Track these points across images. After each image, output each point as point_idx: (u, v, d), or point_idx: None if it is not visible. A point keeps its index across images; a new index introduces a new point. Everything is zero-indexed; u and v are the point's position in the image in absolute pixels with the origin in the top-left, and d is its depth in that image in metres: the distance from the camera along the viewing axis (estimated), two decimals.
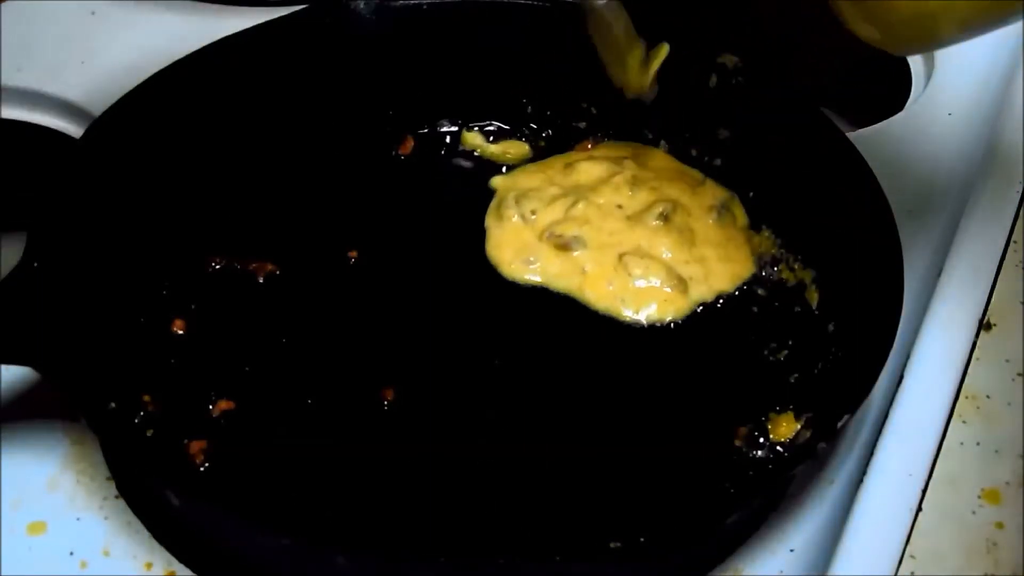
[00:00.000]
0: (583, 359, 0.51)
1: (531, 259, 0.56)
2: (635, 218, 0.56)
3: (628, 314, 0.53)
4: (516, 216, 0.57)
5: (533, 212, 0.57)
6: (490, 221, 0.58)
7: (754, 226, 0.57)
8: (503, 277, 0.55)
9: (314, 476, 0.46)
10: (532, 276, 0.55)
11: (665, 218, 0.56)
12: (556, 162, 0.61)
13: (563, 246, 0.55)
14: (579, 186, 0.58)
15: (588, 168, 0.59)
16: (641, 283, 0.54)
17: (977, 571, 0.42)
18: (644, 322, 0.53)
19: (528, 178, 0.60)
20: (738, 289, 0.54)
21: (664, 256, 0.55)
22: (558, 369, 0.51)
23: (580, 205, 0.57)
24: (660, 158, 0.61)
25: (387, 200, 0.60)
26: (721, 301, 0.54)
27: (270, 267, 0.55)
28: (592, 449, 0.47)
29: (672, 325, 0.53)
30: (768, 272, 0.55)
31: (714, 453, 0.47)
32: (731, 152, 0.60)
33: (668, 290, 0.54)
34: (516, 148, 0.63)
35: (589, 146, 0.62)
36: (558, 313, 0.53)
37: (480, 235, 0.57)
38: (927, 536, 0.42)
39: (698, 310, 0.53)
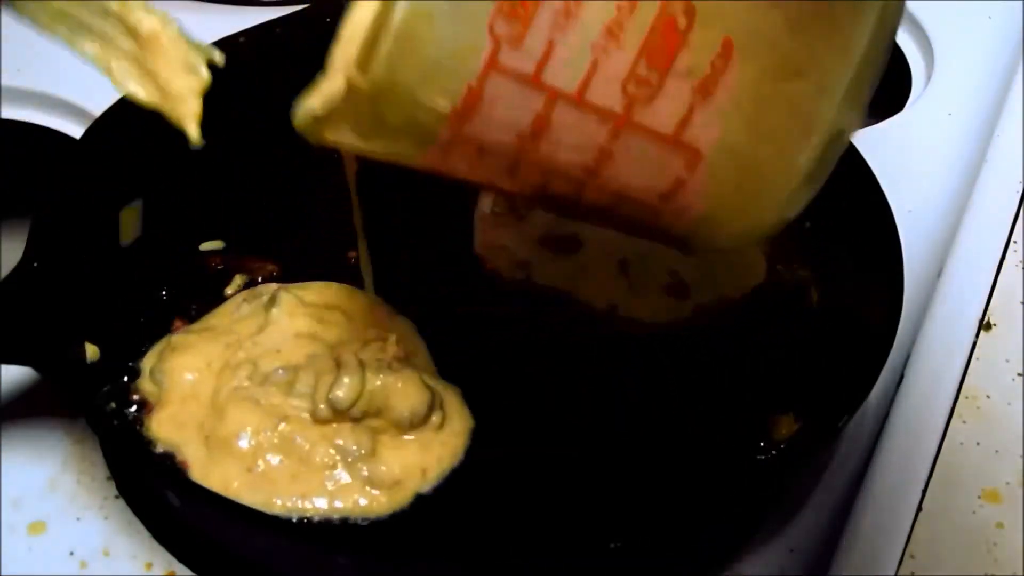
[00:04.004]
0: (581, 360, 0.51)
1: (523, 260, 0.55)
2: None
3: (627, 317, 0.53)
4: (509, 214, 0.57)
5: (529, 208, 0.57)
6: (480, 219, 0.58)
7: None
8: (495, 278, 0.55)
9: None
10: (524, 277, 0.55)
11: None
12: None
13: (559, 247, 0.55)
14: None
15: None
16: (642, 289, 0.54)
17: (977, 571, 0.42)
18: (642, 326, 0.53)
19: None
20: None
21: (667, 262, 0.54)
22: (556, 370, 0.51)
23: None
24: None
25: (387, 200, 0.60)
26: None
27: (270, 267, 0.55)
28: (592, 449, 0.47)
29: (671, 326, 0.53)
30: (769, 272, 0.55)
31: (714, 453, 0.47)
32: None
33: (671, 297, 0.53)
34: None
35: None
36: (555, 315, 0.53)
37: None
38: (927, 536, 0.42)
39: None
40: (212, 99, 0.57)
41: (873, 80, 0.36)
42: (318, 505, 0.43)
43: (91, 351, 0.47)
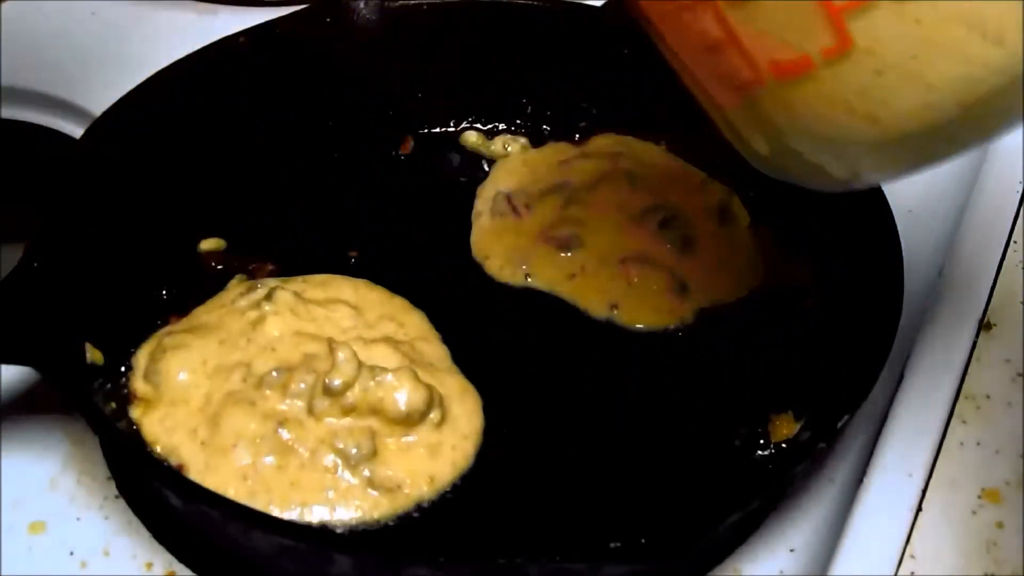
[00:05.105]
0: (581, 360, 0.51)
1: (523, 260, 0.55)
2: (636, 220, 0.56)
3: (626, 317, 0.53)
4: (507, 214, 0.57)
5: (527, 206, 0.57)
6: (477, 219, 0.58)
7: (754, 226, 0.57)
8: (494, 279, 0.55)
9: None
10: (524, 278, 0.55)
11: (667, 223, 0.55)
12: (549, 157, 0.61)
13: (558, 246, 0.55)
14: (574, 183, 0.58)
15: (582, 165, 0.59)
16: (642, 289, 0.53)
17: (977, 571, 0.42)
18: (643, 327, 0.53)
19: (520, 174, 0.60)
20: None
21: (668, 263, 0.54)
22: (556, 371, 0.51)
23: (575, 203, 0.56)
24: (659, 156, 0.61)
25: (387, 200, 0.60)
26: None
27: (270, 267, 0.55)
28: (592, 450, 0.47)
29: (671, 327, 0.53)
30: (768, 272, 0.55)
31: (714, 453, 0.47)
32: (731, 152, 0.59)
33: (671, 297, 0.53)
34: (516, 148, 0.62)
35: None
36: (555, 316, 0.53)
37: None
38: (927, 536, 0.42)
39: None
40: (212, 99, 0.57)
41: None
42: (319, 507, 0.43)
43: (91, 352, 0.47)
